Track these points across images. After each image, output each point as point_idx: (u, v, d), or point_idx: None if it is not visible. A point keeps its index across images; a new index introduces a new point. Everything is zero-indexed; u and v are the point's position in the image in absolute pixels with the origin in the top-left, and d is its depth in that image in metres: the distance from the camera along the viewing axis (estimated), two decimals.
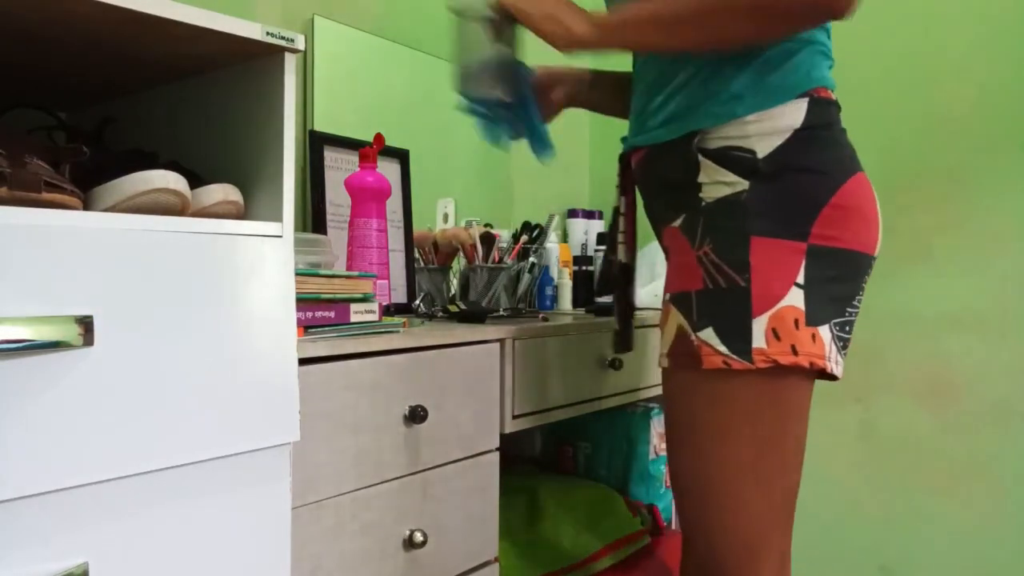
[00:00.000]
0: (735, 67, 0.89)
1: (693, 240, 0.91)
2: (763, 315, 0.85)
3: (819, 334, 0.86)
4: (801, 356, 0.85)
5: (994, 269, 1.63)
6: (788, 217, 0.86)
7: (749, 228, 0.86)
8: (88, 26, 0.73)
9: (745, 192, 0.87)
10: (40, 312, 0.63)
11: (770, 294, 0.85)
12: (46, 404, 0.64)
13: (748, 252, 0.86)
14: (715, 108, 0.89)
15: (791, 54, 0.89)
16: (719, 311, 0.87)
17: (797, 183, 0.87)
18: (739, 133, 0.88)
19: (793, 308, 0.85)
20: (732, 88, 0.89)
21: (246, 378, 0.77)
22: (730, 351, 0.86)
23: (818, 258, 0.86)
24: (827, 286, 0.87)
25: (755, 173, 0.87)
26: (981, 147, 1.64)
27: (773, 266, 0.86)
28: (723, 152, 0.89)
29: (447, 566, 1.12)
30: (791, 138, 0.87)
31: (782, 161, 0.86)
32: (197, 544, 0.75)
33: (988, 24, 1.63)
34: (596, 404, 1.43)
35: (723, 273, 0.87)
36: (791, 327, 0.85)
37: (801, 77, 0.89)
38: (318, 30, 1.52)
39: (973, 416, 1.66)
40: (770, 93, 0.88)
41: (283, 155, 0.81)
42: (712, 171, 0.89)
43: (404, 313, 1.48)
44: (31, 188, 0.64)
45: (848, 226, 0.87)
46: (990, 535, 1.64)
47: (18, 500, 0.63)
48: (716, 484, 0.90)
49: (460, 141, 1.87)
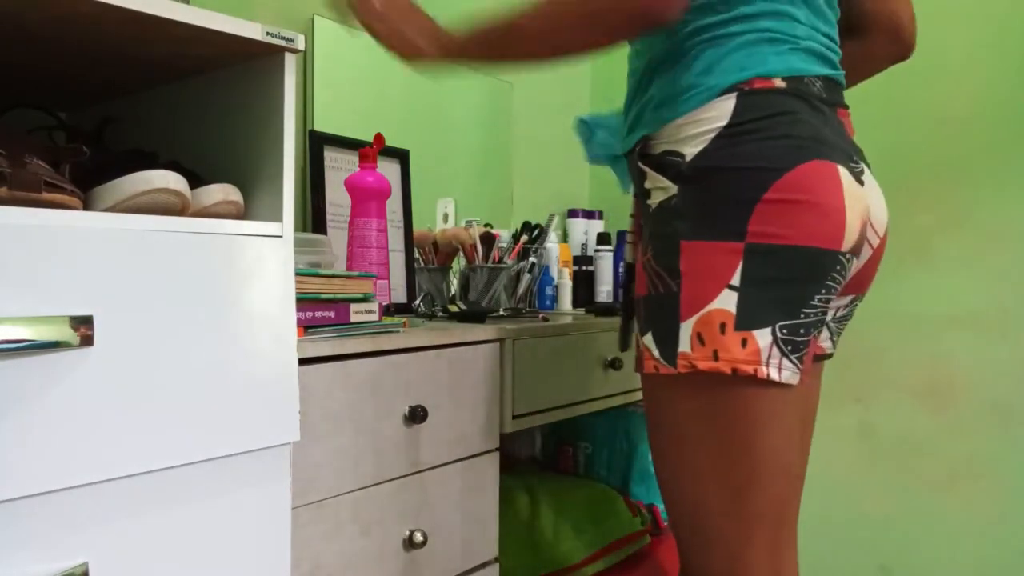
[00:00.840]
0: (661, 73, 0.89)
1: (642, 247, 0.92)
2: (689, 319, 0.84)
3: (752, 338, 0.82)
4: (721, 362, 0.82)
5: (994, 269, 1.63)
6: (719, 218, 0.84)
7: (679, 233, 0.85)
8: (88, 26, 0.73)
9: (675, 197, 0.86)
10: (40, 312, 0.63)
11: (697, 298, 0.84)
12: (46, 404, 0.64)
13: (678, 257, 0.85)
14: (648, 115, 0.90)
15: (718, 51, 0.86)
16: (656, 316, 0.88)
17: (724, 182, 0.84)
18: (674, 137, 0.87)
19: (721, 311, 0.83)
20: (658, 94, 0.89)
21: (246, 378, 0.77)
22: (660, 356, 0.87)
23: (757, 257, 0.82)
24: (772, 287, 0.83)
25: (681, 177, 0.86)
26: (981, 147, 1.64)
27: (703, 270, 0.84)
28: (660, 158, 0.88)
29: (447, 566, 1.12)
30: (716, 137, 0.84)
31: (705, 162, 0.84)
32: (197, 544, 0.75)
33: (988, 24, 1.63)
34: (596, 404, 1.43)
35: (660, 279, 0.87)
36: (716, 331, 0.83)
37: (726, 72, 0.85)
38: (318, 30, 1.52)
39: (973, 416, 1.66)
40: (691, 95, 0.86)
41: (283, 155, 0.81)
42: (653, 177, 0.89)
43: (404, 313, 1.48)
44: (31, 188, 0.64)
45: (793, 220, 0.82)
46: (990, 535, 1.64)
47: (18, 500, 0.63)
48: (681, 488, 0.90)
49: (460, 141, 1.87)
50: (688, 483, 0.89)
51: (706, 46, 0.87)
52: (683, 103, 0.86)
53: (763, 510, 0.87)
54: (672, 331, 0.85)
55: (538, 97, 2.06)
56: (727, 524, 0.87)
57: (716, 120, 0.85)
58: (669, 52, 0.89)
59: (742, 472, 0.85)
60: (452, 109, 1.84)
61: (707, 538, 0.89)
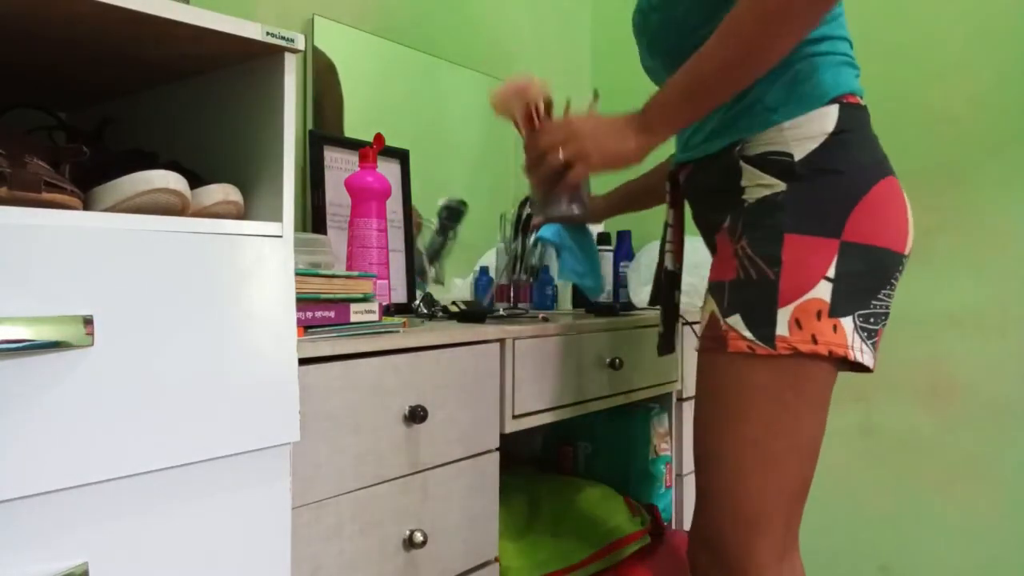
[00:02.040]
0: (766, 83, 0.94)
1: (733, 236, 0.98)
2: (788, 306, 0.91)
3: (840, 324, 0.91)
4: (820, 344, 0.90)
5: (994, 269, 1.63)
6: (822, 215, 0.91)
7: (784, 226, 0.92)
8: (88, 26, 0.73)
9: (782, 193, 0.93)
10: (40, 312, 0.63)
11: (797, 287, 0.91)
12: (46, 404, 0.64)
13: (780, 248, 0.92)
14: (752, 120, 0.97)
15: (816, 66, 0.95)
16: (747, 300, 0.94)
17: (831, 183, 0.92)
18: (777, 139, 0.94)
19: (818, 300, 0.90)
20: (766, 101, 0.96)
21: (246, 378, 0.77)
22: (755, 336, 0.92)
23: (849, 254, 0.91)
24: (855, 280, 0.91)
25: (791, 175, 0.93)
26: (981, 147, 1.64)
27: (803, 261, 0.91)
28: (762, 157, 0.95)
29: (447, 566, 1.12)
30: (825, 142, 0.93)
31: (817, 163, 0.92)
32: (197, 544, 0.75)
33: (988, 23, 1.63)
34: (596, 404, 1.43)
35: (755, 266, 0.93)
36: (813, 318, 0.90)
37: (829, 85, 0.94)
38: (318, 30, 1.52)
39: (973, 416, 1.66)
40: (801, 101, 0.94)
41: (283, 155, 0.81)
42: (752, 175, 0.96)
43: (404, 313, 1.48)
44: (31, 188, 0.64)
45: (879, 225, 0.92)
46: (990, 535, 1.64)
47: (18, 500, 0.63)
48: (725, 457, 0.96)
49: (460, 141, 1.87)
50: (738, 451, 0.95)
51: (806, 62, 0.95)
52: (794, 108, 0.94)
53: (796, 485, 0.96)
54: (768, 315, 0.92)
55: None
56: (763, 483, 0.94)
57: (825, 126, 0.93)
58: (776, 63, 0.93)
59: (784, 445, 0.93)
60: (452, 109, 1.84)
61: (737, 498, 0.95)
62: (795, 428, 0.94)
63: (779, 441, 0.94)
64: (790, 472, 0.95)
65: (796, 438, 0.94)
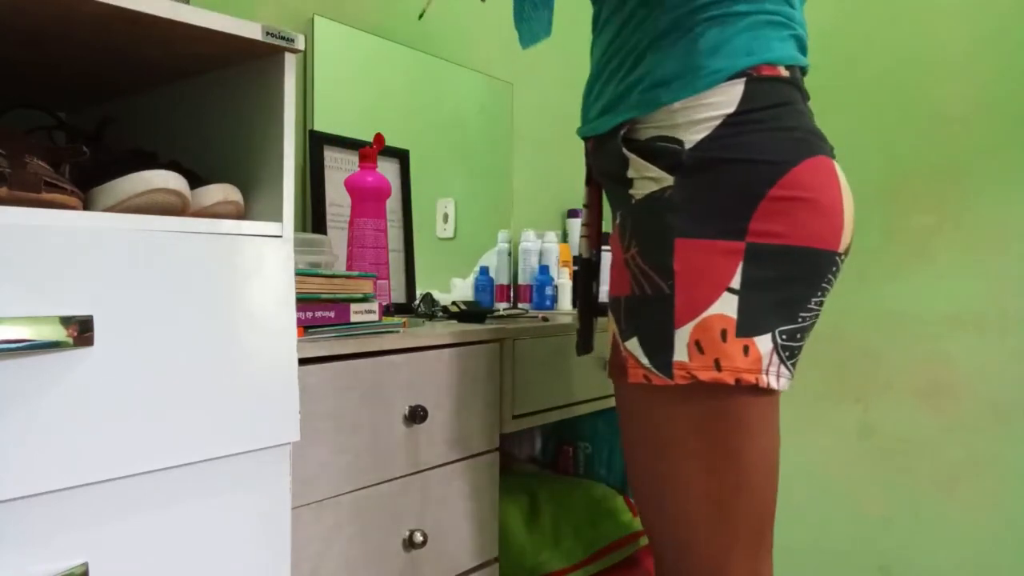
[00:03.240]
0: (662, 51, 0.81)
1: (623, 240, 0.85)
2: (686, 325, 0.78)
3: (754, 345, 0.78)
4: (725, 372, 0.77)
5: (994, 269, 1.63)
6: (719, 214, 0.78)
7: (673, 229, 0.78)
8: (88, 26, 0.73)
9: (670, 188, 0.79)
10: (40, 312, 0.63)
11: (695, 302, 0.78)
12: (46, 404, 0.64)
13: (672, 256, 0.78)
14: (640, 96, 0.82)
15: (724, 32, 0.80)
16: (644, 320, 0.81)
17: (729, 175, 0.78)
18: (667, 122, 0.80)
19: (721, 317, 0.77)
20: (657, 73, 0.81)
21: (246, 378, 0.77)
22: (651, 364, 0.80)
23: (759, 258, 0.77)
24: (771, 290, 0.78)
25: (680, 167, 0.79)
26: (981, 147, 1.64)
27: (700, 271, 0.78)
28: (650, 144, 0.81)
29: (447, 566, 1.12)
30: (722, 125, 0.78)
31: (711, 152, 0.78)
32: (197, 544, 0.75)
33: (988, 23, 1.63)
34: (596, 404, 1.43)
35: (648, 279, 0.81)
36: (716, 338, 0.77)
37: (736, 56, 0.79)
38: (318, 30, 1.52)
39: (973, 416, 1.66)
40: (697, 76, 0.79)
41: (283, 155, 0.81)
42: (639, 165, 0.82)
43: (404, 313, 1.48)
44: (31, 188, 0.64)
45: (796, 219, 0.77)
46: (990, 535, 1.64)
47: (18, 500, 0.63)
48: (664, 501, 0.84)
49: (460, 141, 1.87)
50: (671, 495, 0.83)
51: (711, 24, 0.80)
52: (687, 85, 0.79)
53: (749, 517, 0.83)
54: (664, 337, 0.79)
55: (538, 97, 2.06)
56: (712, 534, 0.83)
57: (722, 106, 0.78)
58: (667, 28, 0.81)
59: (732, 480, 0.81)
60: (452, 109, 1.84)
61: (690, 549, 0.84)
62: (734, 462, 0.80)
63: (718, 479, 0.81)
64: (741, 509, 0.82)
65: (738, 473, 0.81)
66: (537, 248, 1.85)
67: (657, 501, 0.86)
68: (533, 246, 1.85)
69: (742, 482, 0.82)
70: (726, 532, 0.82)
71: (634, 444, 0.87)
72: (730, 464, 0.81)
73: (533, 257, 1.84)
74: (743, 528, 0.83)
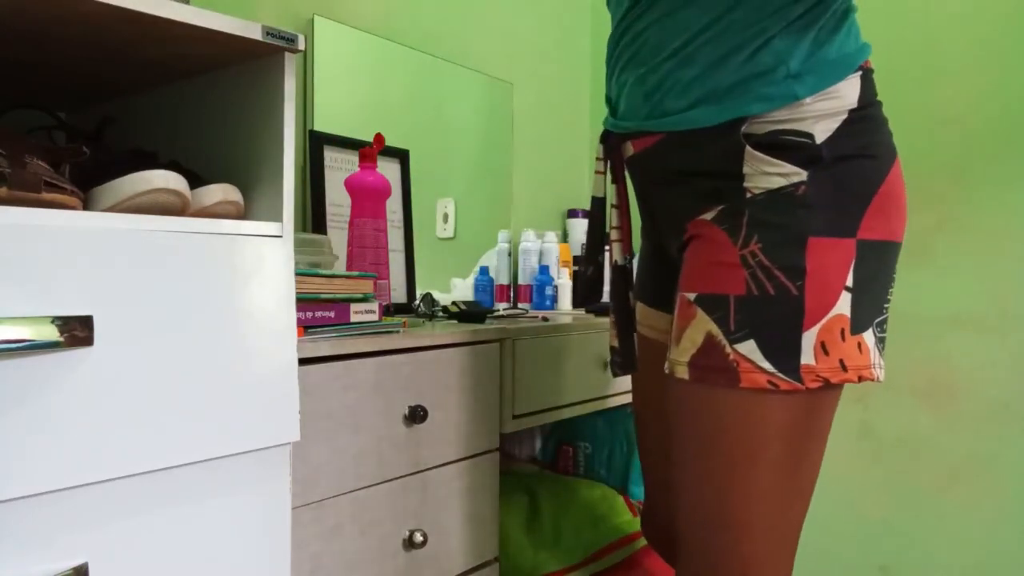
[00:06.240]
0: (788, 36, 0.75)
1: (735, 236, 0.78)
2: (814, 327, 0.75)
3: (864, 341, 0.77)
4: (850, 371, 0.75)
5: (994, 269, 1.63)
6: (841, 211, 0.76)
7: (807, 227, 0.75)
8: (88, 26, 0.73)
9: (803, 184, 0.75)
10: (40, 312, 0.63)
11: (823, 303, 0.75)
12: (46, 404, 0.64)
13: (804, 255, 0.74)
14: (770, 89, 0.76)
15: (844, 15, 0.76)
16: (765, 322, 0.76)
17: (853, 171, 0.76)
18: (795, 116, 0.75)
19: (841, 317, 0.75)
20: (791, 64, 0.75)
21: (246, 378, 0.77)
22: (776, 369, 0.75)
23: (864, 255, 0.76)
24: (871, 284, 0.77)
25: (815, 161, 0.75)
26: (982, 147, 1.64)
27: (827, 270, 0.75)
28: (774, 138, 0.76)
29: (447, 566, 1.12)
30: (848, 119, 0.75)
31: (841, 148, 0.76)
32: (197, 544, 0.75)
33: (988, 24, 1.63)
34: (596, 404, 1.43)
35: (772, 278, 0.75)
36: (837, 339, 0.75)
37: (857, 48, 0.77)
38: (318, 30, 1.52)
39: (973, 416, 1.66)
40: (831, 68, 0.75)
41: (283, 155, 0.81)
42: (758, 161, 0.77)
43: (404, 313, 1.48)
44: (31, 188, 0.64)
45: (890, 215, 0.78)
46: (990, 535, 1.64)
47: (18, 500, 0.63)
48: (730, 510, 0.80)
49: (460, 141, 1.87)
50: (745, 503, 0.79)
51: (838, 15, 0.76)
52: (823, 79, 0.75)
53: (799, 520, 0.82)
54: (791, 340, 0.75)
55: (538, 97, 2.06)
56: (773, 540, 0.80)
57: (846, 100, 0.75)
58: (800, 14, 0.75)
59: (794, 486, 0.80)
60: (452, 109, 1.84)
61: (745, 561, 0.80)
62: (802, 468, 0.80)
63: (787, 484, 0.79)
64: (796, 517, 0.81)
65: (801, 477, 0.80)
66: (537, 248, 1.85)
67: (718, 509, 0.81)
68: (533, 246, 1.85)
69: (803, 486, 0.81)
70: (783, 536, 0.81)
71: (712, 452, 0.80)
72: (799, 467, 0.80)
73: (533, 257, 1.84)
74: (793, 531, 0.82)
